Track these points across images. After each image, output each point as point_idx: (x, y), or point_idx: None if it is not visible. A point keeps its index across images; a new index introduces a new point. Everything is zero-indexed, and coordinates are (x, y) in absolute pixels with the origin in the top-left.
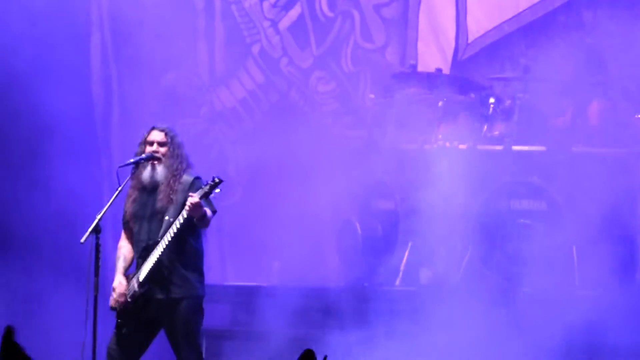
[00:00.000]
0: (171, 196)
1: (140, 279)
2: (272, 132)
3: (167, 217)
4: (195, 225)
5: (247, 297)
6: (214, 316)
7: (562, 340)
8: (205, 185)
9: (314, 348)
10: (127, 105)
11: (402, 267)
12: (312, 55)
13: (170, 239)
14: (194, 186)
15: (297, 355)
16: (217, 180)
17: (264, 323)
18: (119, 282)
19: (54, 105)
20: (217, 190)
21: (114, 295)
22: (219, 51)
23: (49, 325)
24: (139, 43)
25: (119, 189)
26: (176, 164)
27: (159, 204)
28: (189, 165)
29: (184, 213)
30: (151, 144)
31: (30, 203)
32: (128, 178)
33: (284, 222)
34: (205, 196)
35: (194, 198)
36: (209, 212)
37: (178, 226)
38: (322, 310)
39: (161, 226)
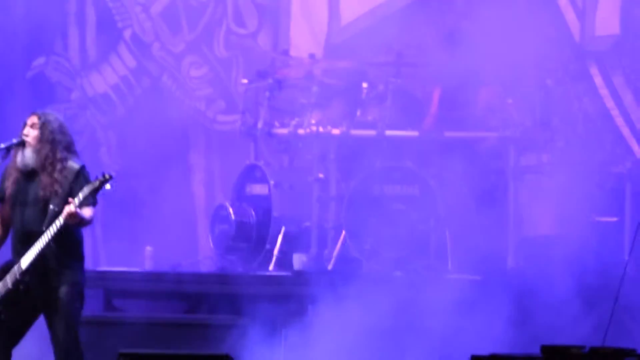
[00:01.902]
0: (55, 186)
1: (23, 267)
2: (144, 118)
3: (51, 207)
4: None
5: (120, 283)
6: (88, 302)
7: (435, 323)
8: (96, 180)
9: (185, 333)
10: None
11: (275, 252)
12: (184, 40)
13: (55, 231)
14: (81, 176)
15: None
16: (107, 176)
17: (138, 308)
18: None
19: None
20: (107, 187)
21: None
22: (90, 36)
23: None
24: (7, 27)
25: None
26: (46, 150)
27: (41, 192)
28: (70, 152)
29: (61, 219)
30: (24, 126)
31: None
32: None
33: (157, 207)
34: (95, 192)
35: (70, 207)
36: (88, 211)
37: (62, 222)
38: (195, 295)
39: (45, 214)
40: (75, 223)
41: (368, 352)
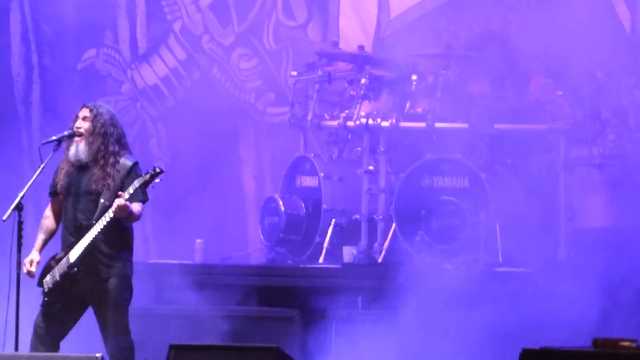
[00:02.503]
0: (107, 180)
1: (72, 260)
2: (194, 110)
3: (102, 200)
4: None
5: (171, 275)
6: (138, 294)
7: (485, 316)
8: (146, 173)
9: (239, 326)
10: (48, 82)
11: (325, 245)
12: (234, 32)
13: (105, 224)
14: (133, 172)
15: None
16: (157, 170)
17: (189, 301)
18: (31, 260)
19: None
20: (157, 180)
21: (24, 269)
22: (141, 28)
23: None
24: (59, 19)
25: (42, 166)
26: (98, 143)
27: (93, 186)
28: (122, 147)
29: (110, 212)
30: (76, 119)
31: None
32: (50, 155)
33: (207, 200)
34: (146, 185)
35: (120, 200)
36: (138, 206)
37: (111, 215)
38: (245, 288)
39: (95, 207)
40: (124, 217)
41: (418, 345)
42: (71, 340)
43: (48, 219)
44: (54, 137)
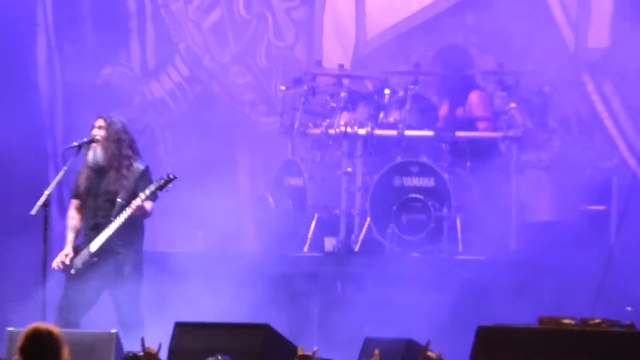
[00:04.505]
0: (123, 181)
1: (92, 251)
2: (196, 119)
3: (119, 199)
4: None
5: (176, 263)
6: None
7: (446, 298)
8: (161, 179)
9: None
10: (70, 95)
11: (309, 236)
12: (231, 52)
13: (122, 220)
14: (145, 175)
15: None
16: (171, 176)
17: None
18: (66, 254)
19: (5, 91)
20: (170, 186)
21: (59, 260)
22: (150, 48)
23: (11, 280)
24: (79, 41)
25: (64, 168)
26: (113, 148)
27: (111, 187)
28: (134, 152)
29: (128, 210)
30: (93, 128)
31: None
32: (71, 159)
33: (207, 197)
34: (160, 189)
35: (137, 201)
36: (149, 205)
37: (129, 213)
38: (241, 273)
39: (112, 205)
40: (139, 214)
41: (390, 323)
42: (90, 318)
43: (74, 219)
44: (74, 143)
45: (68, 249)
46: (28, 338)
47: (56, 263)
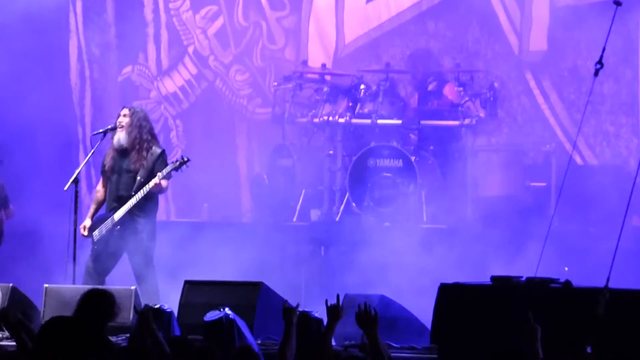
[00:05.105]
0: (143, 162)
1: (115, 220)
2: (203, 111)
3: (139, 177)
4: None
5: (186, 230)
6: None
7: (413, 260)
8: (176, 162)
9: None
10: (96, 90)
11: (297, 208)
12: (232, 53)
13: (141, 195)
14: (161, 157)
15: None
16: (185, 159)
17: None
18: (84, 226)
19: (42, 86)
20: (185, 167)
21: (80, 231)
22: (164, 50)
23: (45, 248)
24: (105, 44)
25: (92, 151)
26: (135, 132)
27: (132, 166)
28: (152, 137)
29: (147, 187)
30: (119, 116)
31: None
32: (98, 143)
33: (212, 176)
34: (175, 169)
35: (157, 179)
36: (165, 183)
37: (147, 189)
38: (240, 239)
39: (133, 182)
40: (156, 191)
41: (366, 282)
42: (113, 277)
43: (99, 193)
44: (101, 130)
45: (87, 222)
46: (86, 298)
47: (80, 232)
